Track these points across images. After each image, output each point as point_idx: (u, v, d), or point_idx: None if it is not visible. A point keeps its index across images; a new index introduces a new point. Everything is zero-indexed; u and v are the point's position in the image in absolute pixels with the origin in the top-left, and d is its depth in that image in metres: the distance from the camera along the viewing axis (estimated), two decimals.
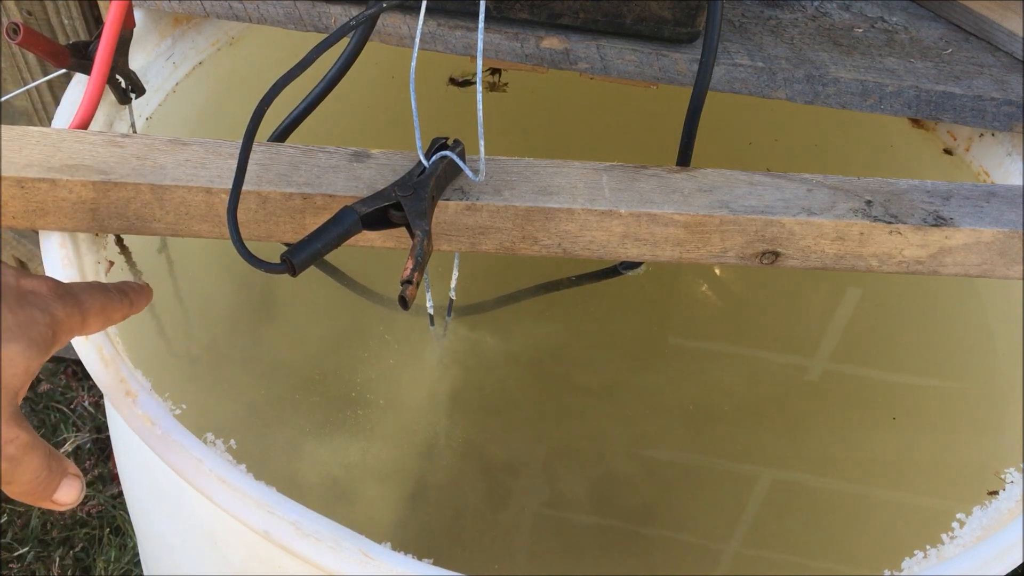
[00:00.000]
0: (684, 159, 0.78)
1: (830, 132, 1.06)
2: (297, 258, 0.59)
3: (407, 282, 0.56)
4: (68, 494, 0.52)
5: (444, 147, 0.66)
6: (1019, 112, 0.85)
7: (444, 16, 0.81)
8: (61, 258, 0.68)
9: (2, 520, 1.39)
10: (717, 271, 1.12)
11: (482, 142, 0.63)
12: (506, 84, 1.04)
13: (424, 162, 0.65)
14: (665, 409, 1.01)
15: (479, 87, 0.61)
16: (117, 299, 0.58)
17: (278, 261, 0.59)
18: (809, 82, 0.83)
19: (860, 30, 0.91)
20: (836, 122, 1.00)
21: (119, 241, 0.78)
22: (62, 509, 0.53)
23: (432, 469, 0.93)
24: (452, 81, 1.07)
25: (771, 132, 1.09)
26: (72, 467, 0.53)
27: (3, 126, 0.66)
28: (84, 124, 0.72)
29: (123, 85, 0.79)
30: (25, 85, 1.15)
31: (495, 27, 0.81)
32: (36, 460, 0.50)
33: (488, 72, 1.04)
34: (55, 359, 1.55)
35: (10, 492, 0.50)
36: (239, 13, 0.83)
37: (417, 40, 0.63)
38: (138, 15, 0.84)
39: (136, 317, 0.62)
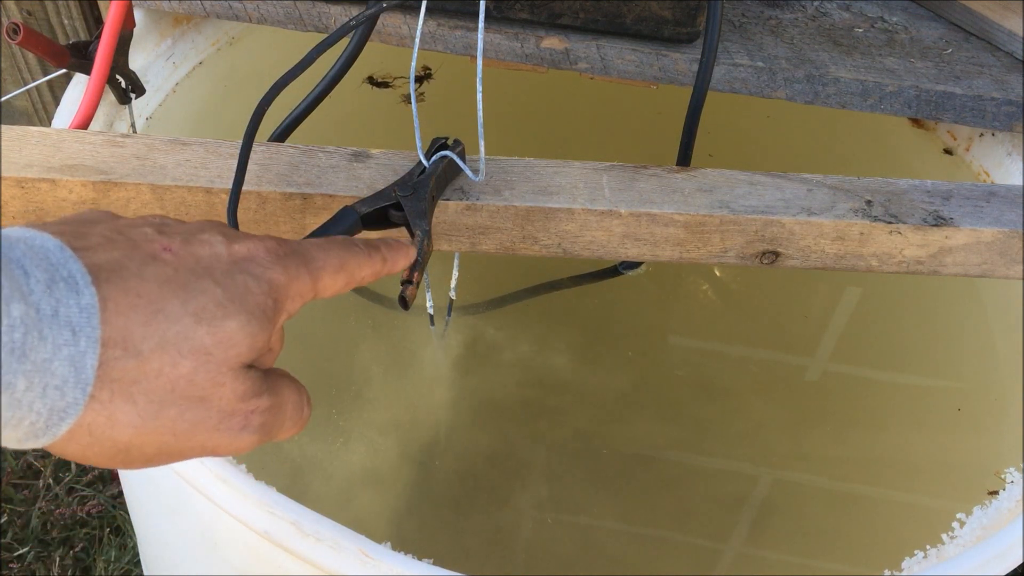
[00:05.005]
0: (684, 159, 0.77)
1: (827, 131, 1.06)
2: None
3: (407, 282, 0.56)
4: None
5: (444, 147, 0.66)
6: (1019, 112, 0.85)
7: (444, 16, 0.81)
8: None
9: (2, 520, 1.39)
10: (717, 271, 1.12)
11: (482, 142, 0.63)
12: (423, 94, 1.00)
13: (424, 162, 0.65)
14: (665, 408, 1.01)
15: (479, 87, 0.60)
16: (363, 254, 0.50)
17: None
18: (809, 82, 0.83)
19: (860, 30, 0.91)
20: (836, 122, 1.00)
21: None
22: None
23: (432, 468, 0.93)
24: (371, 81, 1.03)
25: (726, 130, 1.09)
26: (305, 392, 0.48)
27: (3, 126, 0.66)
28: (84, 124, 0.72)
29: (123, 85, 0.79)
30: (25, 85, 1.15)
31: (495, 27, 0.81)
32: (287, 413, 0.46)
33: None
34: None
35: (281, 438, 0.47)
36: (239, 13, 0.83)
37: (417, 40, 0.63)
38: (138, 15, 0.84)
39: None
